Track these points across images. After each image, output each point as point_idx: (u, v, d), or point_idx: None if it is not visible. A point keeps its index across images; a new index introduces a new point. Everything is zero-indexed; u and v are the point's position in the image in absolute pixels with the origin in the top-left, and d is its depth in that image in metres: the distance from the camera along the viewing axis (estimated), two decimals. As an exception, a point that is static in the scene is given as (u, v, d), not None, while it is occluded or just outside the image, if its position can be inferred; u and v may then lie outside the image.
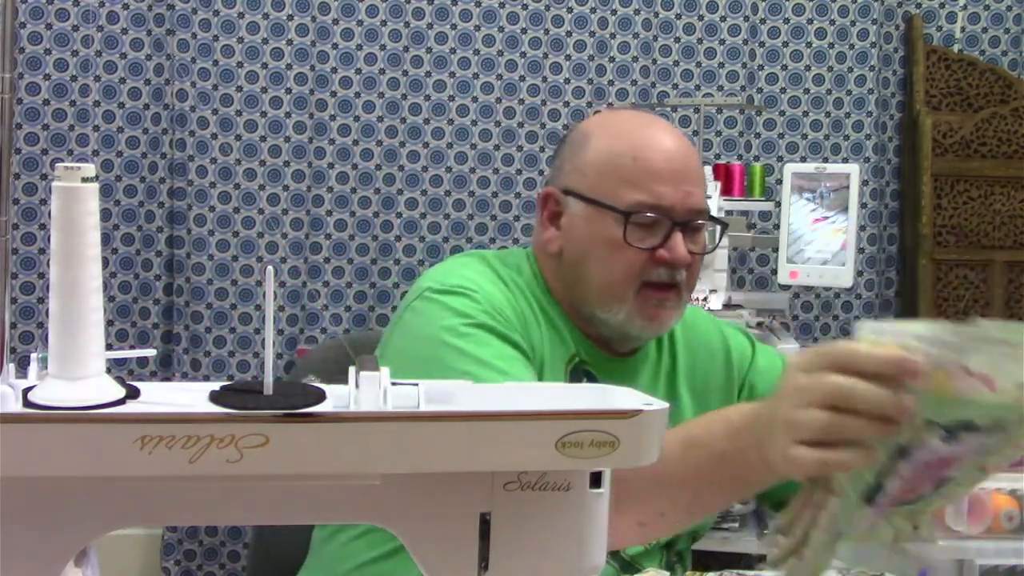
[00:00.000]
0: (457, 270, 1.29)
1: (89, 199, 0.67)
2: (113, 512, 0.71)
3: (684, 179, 1.26)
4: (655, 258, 1.24)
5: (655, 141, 1.28)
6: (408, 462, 0.69)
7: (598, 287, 1.27)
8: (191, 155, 2.63)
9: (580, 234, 1.28)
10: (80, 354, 0.67)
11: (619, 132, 1.30)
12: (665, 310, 1.27)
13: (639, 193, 1.24)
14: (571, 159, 1.32)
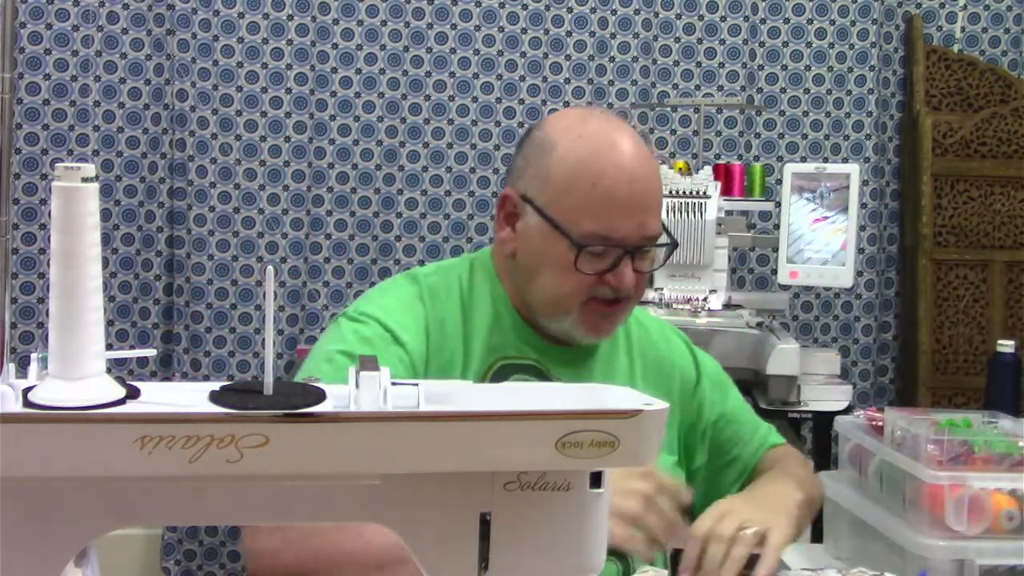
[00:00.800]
0: (377, 299, 1.36)
1: (89, 199, 0.67)
2: (113, 512, 0.71)
3: (641, 208, 1.29)
4: (602, 280, 1.29)
5: (618, 164, 1.29)
6: (408, 462, 0.69)
7: (546, 301, 1.32)
8: (191, 155, 2.63)
9: (534, 246, 1.32)
10: (80, 354, 0.67)
11: (584, 148, 1.30)
12: (608, 321, 1.34)
13: (595, 224, 1.27)
14: (534, 165, 1.33)
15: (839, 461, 1.73)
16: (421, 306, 1.34)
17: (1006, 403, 2.04)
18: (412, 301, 1.34)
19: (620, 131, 1.34)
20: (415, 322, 1.31)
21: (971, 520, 1.40)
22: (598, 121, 1.34)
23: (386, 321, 1.30)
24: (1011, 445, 1.46)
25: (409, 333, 1.30)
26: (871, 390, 2.71)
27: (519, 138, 1.45)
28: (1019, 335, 2.60)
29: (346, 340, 1.29)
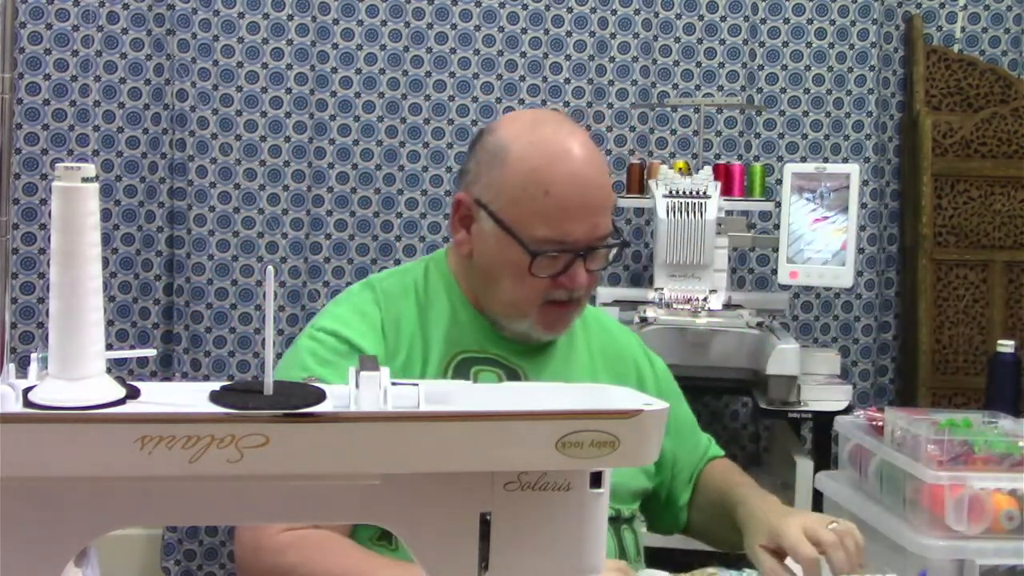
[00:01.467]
0: (332, 311, 1.42)
1: (89, 199, 0.67)
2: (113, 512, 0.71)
3: (593, 211, 1.33)
4: (556, 283, 1.34)
5: (569, 171, 1.32)
6: (408, 462, 0.69)
7: (503, 304, 1.37)
8: (191, 155, 2.63)
9: (489, 251, 1.36)
10: (80, 354, 0.67)
11: (536, 155, 1.33)
12: (564, 320, 1.39)
13: (548, 230, 1.31)
14: (487, 171, 1.36)
15: (839, 461, 1.73)
16: (376, 309, 1.38)
17: (1006, 403, 2.04)
18: (366, 306, 1.38)
19: (572, 136, 1.37)
20: (371, 326, 1.36)
21: (971, 520, 1.40)
22: (550, 126, 1.37)
23: (342, 332, 1.35)
24: (1011, 445, 1.46)
25: (366, 339, 1.34)
26: (871, 390, 2.71)
27: (471, 139, 1.48)
28: (1019, 335, 2.60)
29: (306, 365, 1.34)
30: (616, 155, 2.69)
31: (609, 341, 1.52)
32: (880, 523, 1.52)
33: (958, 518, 1.40)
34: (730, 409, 2.74)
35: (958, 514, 1.40)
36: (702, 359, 2.24)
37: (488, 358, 1.39)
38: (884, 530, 1.50)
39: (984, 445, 1.45)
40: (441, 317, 1.39)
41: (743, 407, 2.71)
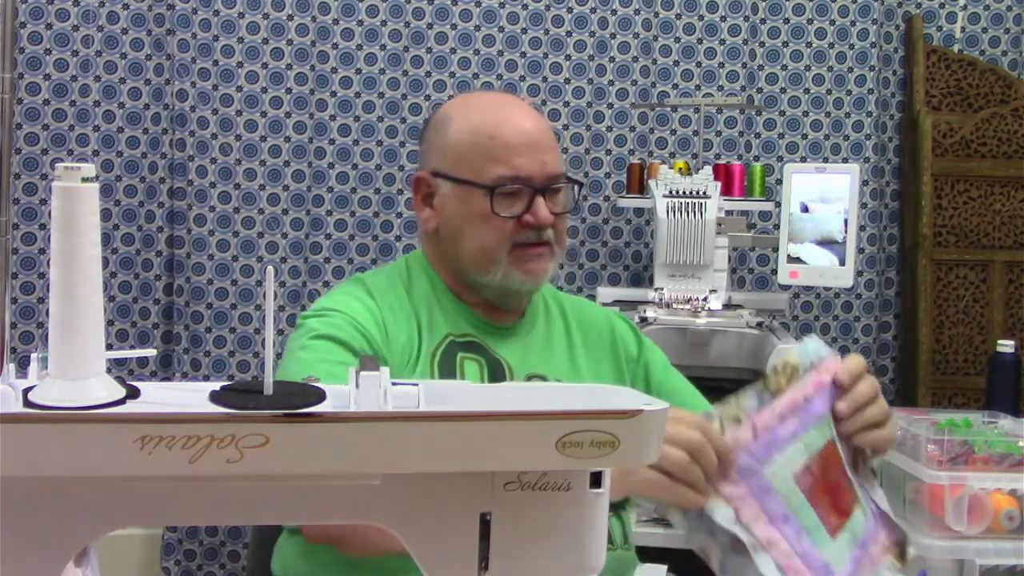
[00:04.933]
0: (329, 299, 1.47)
1: (89, 199, 0.67)
2: (113, 512, 0.71)
3: (538, 150, 1.41)
4: (522, 223, 1.39)
5: (510, 118, 1.42)
6: (408, 462, 0.69)
7: (474, 254, 1.41)
8: (191, 155, 2.63)
9: (452, 211, 1.44)
10: (80, 354, 0.67)
11: (477, 113, 1.44)
12: (539, 262, 1.43)
13: (500, 167, 1.39)
14: (435, 142, 1.47)
15: (839, 461, 1.73)
16: (372, 300, 1.44)
17: (1006, 403, 2.04)
18: (362, 296, 1.44)
19: (509, 97, 1.52)
20: (370, 313, 1.41)
21: (971, 520, 1.40)
22: (489, 94, 1.56)
23: (346, 311, 1.41)
24: (1011, 445, 1.46)
25: (368, 321, 1.40)
26: (871, 390, 2.71)
27: (420, 131, 1.60)
28: (1019, 335, 2.60)
29: (314, 329, 1.38)
30: (616, 155, 2.69)
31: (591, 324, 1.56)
32: (880, 523, 1.52)
33: (958, 518, 1.40)
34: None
35: (958, 514, 1.40)
36: (702, 359, 2.24)
37: (469, 342, 1.44)
38: (884, 530, 1.50)
39: (984, 445, 1.45)
40: (425, 304, 1.45)
41: (743, 407, 2.71)
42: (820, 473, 1.09)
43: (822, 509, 1.08)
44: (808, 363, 1.13)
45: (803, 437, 1.09)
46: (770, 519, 1.06)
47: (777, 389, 1.11)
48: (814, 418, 1.11)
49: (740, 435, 1.08)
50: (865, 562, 1.09)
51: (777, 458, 1.08)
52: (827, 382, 1.13)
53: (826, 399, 1.12)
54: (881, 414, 1.18)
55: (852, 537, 1.09)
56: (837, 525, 1.08)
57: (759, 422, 1.09)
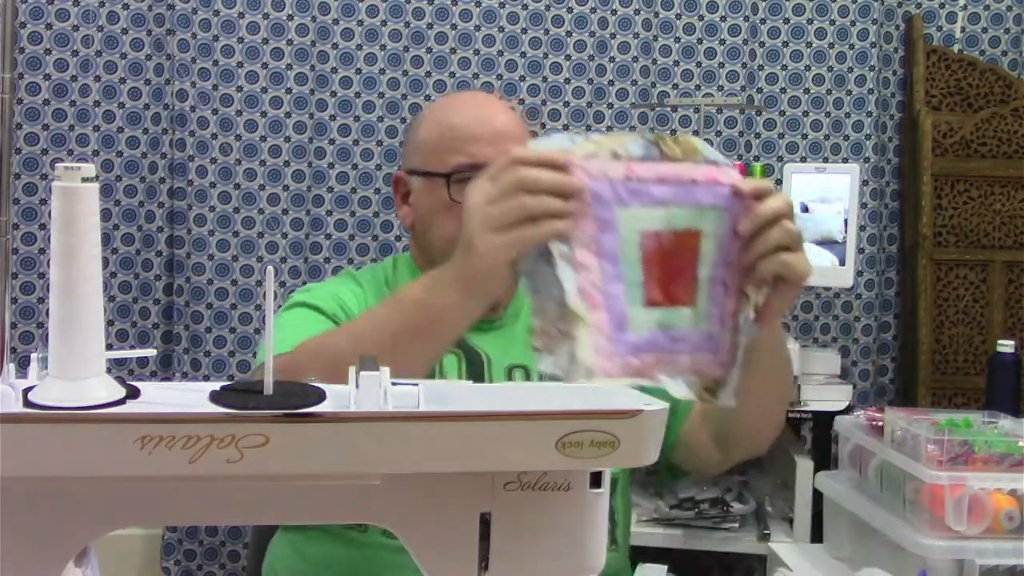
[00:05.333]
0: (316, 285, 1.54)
1: (89, 199, 0.67)
2: (113, 512, 0.71)
3: (502, 138, 1.41)
4: None
5: (475, 112, 1.45)
6: (408, 462, 0.69)
7: (441, 244, 1.42)
8: (191, 155, 2.63)
9: (422, 204, 1.48)
10: (80, 354, 0.67)
11: (446, 109, 1.48)
12: None
13: (459, 156, 1.42)
14: (410, 141, 1.52)
15: (839, 461, 1.73)
16: (359, 287, 1.49)
17: (1006, 403, 2.04)
18: (349, 283, 1.50)
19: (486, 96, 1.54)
20: (354, 295, 1.46)
21: (971, 520, 1.40)
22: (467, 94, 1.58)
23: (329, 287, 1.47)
24: (1011, 445, 1.46)
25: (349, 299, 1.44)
26: (871, 390, 2.71)
27: None
28: (1019, 335, 2.60)
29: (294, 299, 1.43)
30: (616, 155, 2.69)
31: None
32: (880, 523, 1.52)
33: (958, 518, 1.40)
34: (730, 409, 2.74)
35: (958, 514, 1.40)
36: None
37: None
38: (884, 530, 1.51)
39: (984, 445, 1.45)
40: None
41: (743, 407, 2.71)
42: (669, 249, 1.04)
43: (651, 278, 1.04)
44: (710, 157, 1.07)
45: (671, 209, 1.04)
46: (597, 251, 1.02)
47: (669, 155, 1.06)
48: (691, 200, 1.05)
49: (611, 169, 1.03)
50: (661, 352, 1.03)
51: (635, 209, 1.03)
52: (722, 183, 1.06)
53: (713, 197, 1.05)
54: (791, 236, 1.06)
55: (665, 322, 1.04)
56: (656, 301, 1.04)
57: (636, 170, 1.04)
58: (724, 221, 1.06)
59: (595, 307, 1.01)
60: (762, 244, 1.04)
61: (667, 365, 1.03)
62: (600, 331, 1.01)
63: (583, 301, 1.01)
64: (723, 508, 2.20)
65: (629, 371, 1.01)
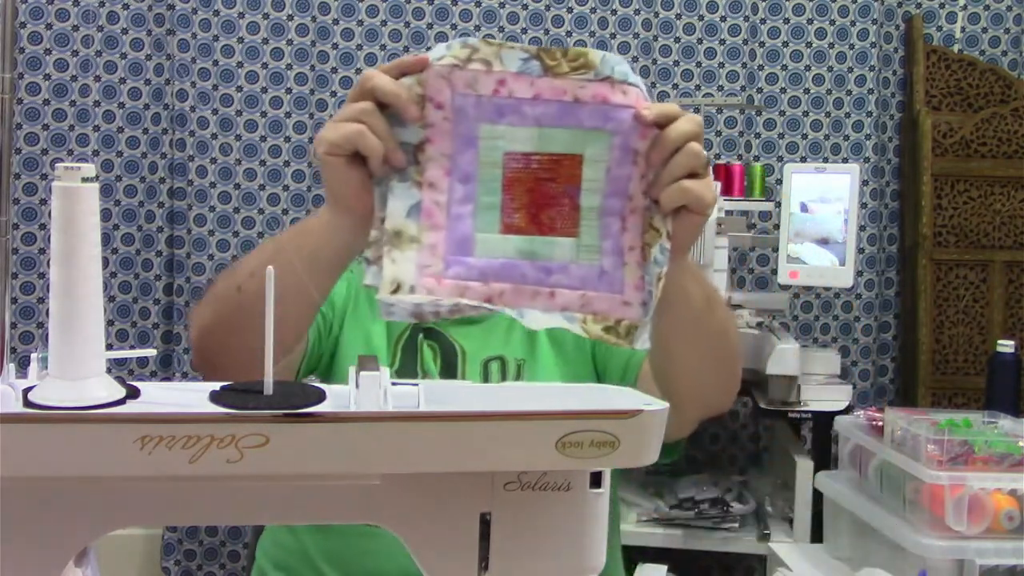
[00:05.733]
0: None
1: (89, 199, 0.67)
2: (113, 512, 0.71)
3: None
4: None
5: None
6: (408, 462, 0.69)
7: None
8: (191, 155, 2.63)
9: None
10: (80, 354, 0.67)
11: None
12: None
13: None
14: None
15: (839, 461, 1.73)
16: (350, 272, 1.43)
17: (1006, 403, 2.04)
18: None
19: None
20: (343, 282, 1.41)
21: (971, 520, 1.40)
22: None
23: None
24: (1011, 445, 1.46)
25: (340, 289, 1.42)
26: (871, 390, 2.71)
27: None
28: (1019, 335, 2.60)
29: None
30: (616, 155, 2.69)
31: None
32: (880, 523, 1.52)
33: (958, 518, 1.40)
34: (730, 409, 2.74)
35: (958, 514, 1.40)
36: (702, 359, 2.23)
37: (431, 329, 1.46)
38: (884, 530, 1.51)
39: (984, 445, 1.45)
40: None
41: (743, 407, 2.71)
42: (541, 173, 0.95)
43: (512, 203, 0.95)
44: (607, 71, 0.94)
45: (545, 130, 0.94)
46: (450, 169, 0.95)
47: (553, 70, 0.94)
48: (571, 122, 0.94)
49: (480, 78, 0.94)
50: (523, 283, 0.95)
51: (502, 127, 0.94)
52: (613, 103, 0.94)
53: (599, 119, 0.94)
54: (699, 160, 0.96)
55: (530, 251, 0.96)
56: (519, 227, 0.95)
57: (510, 84, 0.94)
58: (614, 146, 0.95)
59: (435, 227, 0.94)
60: (667, 173, 0.95)
61: (532, 297, 0.95)
62: (433, 251, 0.94)
63: (423, 220, 0.94)
64: (723, 508, 2.20)
65: (469, 294, 0.94)
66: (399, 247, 0.94)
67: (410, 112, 0.94)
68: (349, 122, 0.96)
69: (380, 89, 0.95)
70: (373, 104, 0.96)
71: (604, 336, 0.95)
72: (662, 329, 1.10)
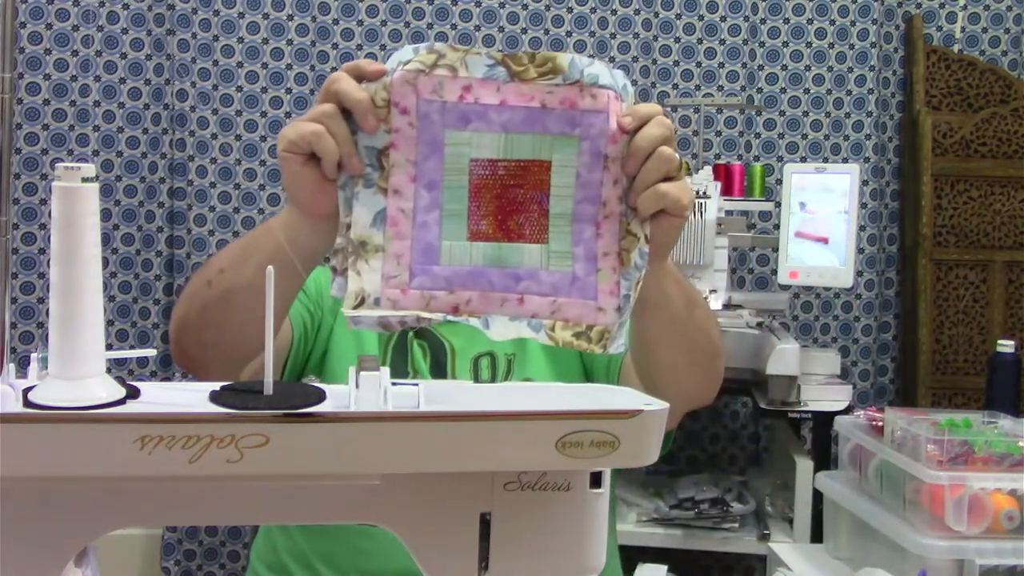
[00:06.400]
0: None
1: (89, 199, 0.67)
2: (113, 512, 0.71)
3: None
4: None
5: None
6: (408, 462, 0.69)
7: None
8: (191, 155, 2.63)
9: None
10: (80, 354, 0.67)
11: None
12: None
13: None
14: None
15: (839, 461, 1.73)
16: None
17: (1006, 403, 2.04)
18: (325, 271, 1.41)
19: None
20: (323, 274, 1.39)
21: (971, 520, 1.40)
22: None
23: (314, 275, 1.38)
24: (1011, 445, 1.46)
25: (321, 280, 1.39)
26: (871, 390, 2.71)
27: None
28: (1019, 335, 2.60)
29: None
30: (616, 155, 2.69)
31: None
32: (880, 523, 1.52)
33: (958, 518, 1.40)
34: (730, 409, 2.74)
35: (958, 514, 1.40)
36: (702, 359, 2.23)
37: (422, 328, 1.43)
38: (884, 530, 1.51)
39: (984, 445, 1.45)
40: None
41: (743, 407, 2.71)
42: (508, 180, 0.94)
43: (479, 211, 0.94)
44: (575, 75, 0.93)
45: (511, 136, 0.93)
46: (416, 176, 0.94)
47: (520, 75, 0.93)
48: (537, 128, 0.93)
49: (445, 84, 0.93)
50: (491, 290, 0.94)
51: (467, 134, 0.93)
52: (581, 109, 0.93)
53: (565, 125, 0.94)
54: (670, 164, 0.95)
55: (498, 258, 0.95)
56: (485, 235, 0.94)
57: (476, 90, 0.93)
58: (583, 151, 0.94)
59: (400, 235, 0.94)
60: (641, 179, 0.95)
61: (500, 304, 0.94)
62: (398, 260, 0.93)
63: (388, 228, 0.93)
64: (723, 508, 2.20)
65: (434, 303, 0.94)
66: (364, 258, 0.93)
67: (367, 122, 0.94)
68: (309, 122, 0.96)
69: (344, 93, 0.94)
70: (335, 107, 0.95)
71: (574, 342, 0.94)
72: (644, 331, 1.10)
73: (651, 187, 0.95)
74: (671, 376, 1.20)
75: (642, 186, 0.95)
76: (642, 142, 0.94)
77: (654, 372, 1.21)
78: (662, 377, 1.20)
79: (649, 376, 1.22)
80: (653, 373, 1.21)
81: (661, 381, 1.20)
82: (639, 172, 0.95)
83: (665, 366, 1.19)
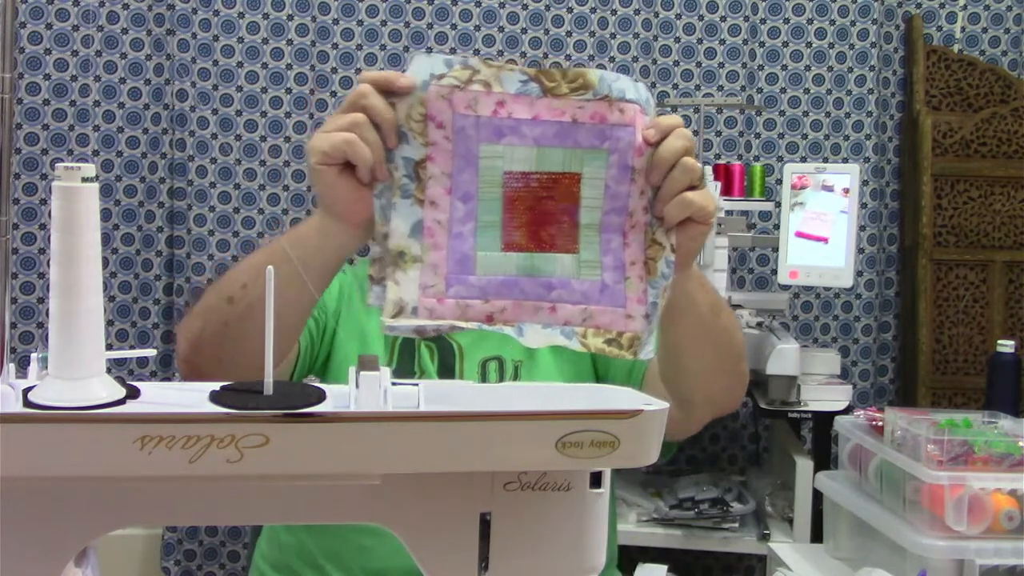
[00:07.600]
0: None
1: (89, 199, 0.67)
2: (113, 512, 0.71)
3: None
4: None
5: None
6: (408, 462, 0.69)
7: None
8: (191, 155, 2.63)
9: None
10: (80, 354, 0.67)
11: None
12: None
13: None
14: None
15: (839, 461, 1.73)
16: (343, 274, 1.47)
17: (1006, 403, 2.04)
18: None
19: None
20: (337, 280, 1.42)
21: (971, 520, 1.40)
22: None
23: None
24: (1011, 445, 1.46)
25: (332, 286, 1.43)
26: (871, 390, 2.71)
27: None
28: (1019, 335, 2.60)
29: None
30: (616, 155, 2.69)
31: None
32: (880, 523, 1.52)
33: (958, 518, 1.40)
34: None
35: (958, 514, 1.40)
36: (702, 359, 2.23)
37: None
38: (884, 530, 1.51)
39: (984, 445, 1.45)
40: None
41: (743, 407, 2.71)
42: (540, 191, 0.97)
43: (513, 222, 0.97)
44: (604, 90, 0.97)
45: (543, 149, 0.97)
46: (451, 188, 0.96)
47: (552, 91, 0.96)
48: (568, 142, 0.97)
49: (480, 99, 0.95)
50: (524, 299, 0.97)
51: (501, 147, 0.96)
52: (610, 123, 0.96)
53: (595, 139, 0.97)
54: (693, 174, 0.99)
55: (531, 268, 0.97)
56: (519, 245, 0.97)
57: (509, 105, 0.96)
58: (611, 164, 0.98)
59: (436, 246, 0.96)
60: (666, 189, 0.98)
61: (533, 312, 0.97)
62: (435, 270, 0.96)
63: (425, 238, 0.96)
64: (723, 508, 2.20)
65: (470, 312, 0.96)
66: (402, 267, 0.96)
67: (391, 141, 0.96)
68: (340, 132, 0.97)
69: (373, 110, 0.96)
70: (366, 117, 0.97)
71: (606, 349, 0.97)
72: (671, 336, 1.12)
73: (677, 196, 0.98)
74: (699, 380, 1.22)
75: (668, 196, 0.98)
76: (666, 154, 0.97)
77: (682, 377, 1.22)
78: (690, 382, 1.22)
79: (676, 382, 1.23)
80: (681, 378, 1.23)
81: (689, 386, 1.22)
82: (664, 183, 0.98)
83: (693, 371, 1.21)
